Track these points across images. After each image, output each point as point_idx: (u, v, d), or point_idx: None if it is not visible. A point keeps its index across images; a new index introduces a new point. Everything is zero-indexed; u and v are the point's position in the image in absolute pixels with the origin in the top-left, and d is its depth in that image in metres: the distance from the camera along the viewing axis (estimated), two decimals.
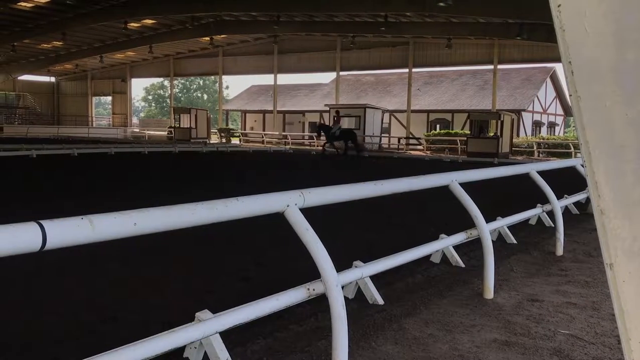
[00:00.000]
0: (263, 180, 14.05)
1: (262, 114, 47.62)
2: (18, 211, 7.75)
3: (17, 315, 3.78)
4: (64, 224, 2.10)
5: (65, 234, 2.09)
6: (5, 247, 1.96)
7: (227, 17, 38.33)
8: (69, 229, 2.11)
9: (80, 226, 2.13)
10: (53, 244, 2.06)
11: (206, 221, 2.64)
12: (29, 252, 2.05)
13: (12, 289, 4.32)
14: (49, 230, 2.04)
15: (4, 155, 18.77)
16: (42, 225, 2.03)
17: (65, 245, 2.14)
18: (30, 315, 3.80)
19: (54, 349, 3.21)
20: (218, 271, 5.12)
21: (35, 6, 33.47)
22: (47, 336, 3.40)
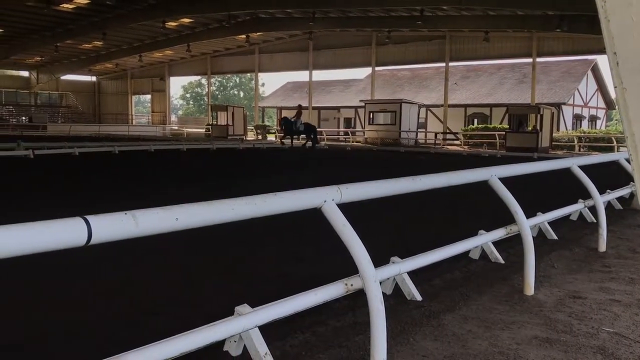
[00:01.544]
0: (299, 176, 14.11)
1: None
2: (63, 208, 7.98)
3: (61, 308, 3.90)
4: (109, 219, 2.16)
5: (110, 229, 2.15)
6: (53, 241, 2.02)
7: (263, 15, 38.55)
8: (113, 224, 2.16)
9: (124, 221, 2.18)
10: (98, 238, 2.12)
11: (245, 216, 2.67)
12: (74, 246, 2.11)
13: (56, 282, 4.45)
14: (94, 225, 2.09)
15: (49, 152, 19.35)
16: (88, 221, 2.09)
17: (110, 240, 2.20)
18: (73, 308, 3.91)
19: (97, 342, 3.30)
20: (257, 266, 5.18)
21: (77, 7, 34.29)
22: (90, 329, 3.50)
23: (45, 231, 1.97)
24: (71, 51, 48.76)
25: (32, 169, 15.10)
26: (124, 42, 46.30)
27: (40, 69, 56.27)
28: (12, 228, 1.90)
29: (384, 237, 6.32)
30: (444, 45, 39.50)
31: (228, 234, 5.74)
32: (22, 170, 14.78)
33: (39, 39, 42.21)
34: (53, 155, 19.19)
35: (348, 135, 40.61)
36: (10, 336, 3.34)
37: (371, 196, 3.45)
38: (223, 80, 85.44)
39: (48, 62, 53.81)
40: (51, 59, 51.57)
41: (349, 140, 39.11)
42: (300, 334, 3.47)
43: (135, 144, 24.80)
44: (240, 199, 2.64)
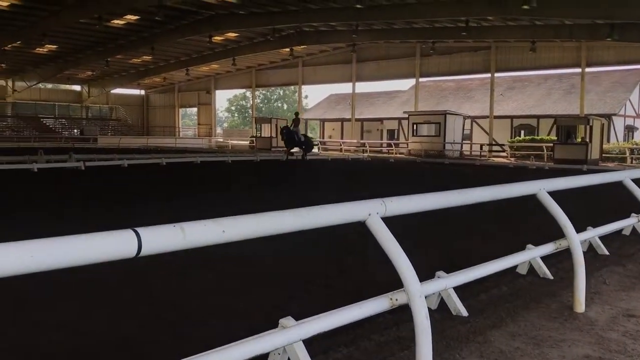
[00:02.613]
0: (343, 188, 14.11)
1: (341, 122, 47.89)
2: (112, 219, 8.19)
3: (110, 318, 3.99)
4: (158, 232, 2.21)
5: (159, 241, 2.20)
6: (105, 253, 2.08)
7: (307, 28, 38.92)
8: (162, 236, 2.21)
9: (172, 233, 2.23)
10: (148, 250, 2.17)
11: (291, 229, 2.69)
12: (125, 258, 2.17)
13: (106, 293, 4.56)
14: (144, 237, 2.15)
15: (99, 164, 19.94)
16: (138, 233, 2.14)
17: (159, 252, 2.25)
18: (122, 318, 4.00)
19: (145, 352, 3.36)
20: (300, 278, 5.19)
21: (127, 23, 35.40)
22: (139, 339, 3.57)
23: (98, 243, 2.03)
24: (121, 66, 50.31)
25: (83, 180, 15.58)
26: (171, 57, 47.50)
27: (92, 83, 58.21)
28: (67, 240, 1.97)
29: (428, 250, 6.25)
30: (490, 56, 39.01)
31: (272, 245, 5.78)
32: (74, 181, 15.26)
33: (91, 54, 43.74)
34: (103, 166, 19.77)
35: (391, 147, 40.43)
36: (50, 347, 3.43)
37: (416, 210, 3.42)
38: (267, 93, 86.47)
39: (99, 77, 55.64)
40: (102, 73, 53.33)
41: (392, 152, 38.93)
42: (344, 348, 3.45)
43: (181, 156, 25.31)
44: (286, 211, 2.66)
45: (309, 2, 30.05)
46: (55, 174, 16.87)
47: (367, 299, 3.15)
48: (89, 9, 29.99)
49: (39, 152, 20.64)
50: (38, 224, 7.67)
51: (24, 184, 14.10)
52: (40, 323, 3.81)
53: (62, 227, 6.89)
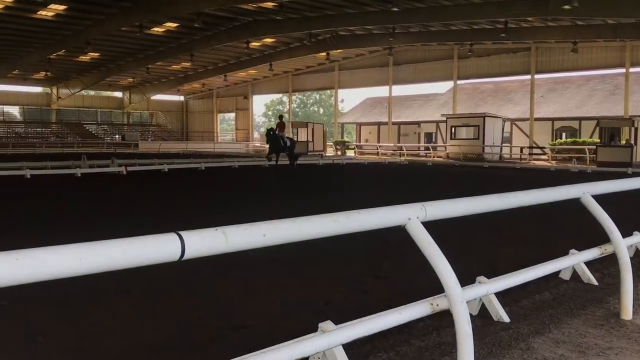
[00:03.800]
0: (380, 192, 14.05)
1: (377, 126, 47.74)
2: (153, 222, 8.34)
3: (151, 321, 4.06)
4: (201, 235, 2.24)
5: (202, 244, 2.23)
6: (149, 256, 2.12)
7: (343, 32, 38.98)
8: (205, 240, 2.24)
9: (215, 237, 2.26)
10: (191, 254, 2.20)
11: (329, 233, 2.70)
12: (169, 261, 2.21)
13: (147, 296, 4.65)
14: (187, 240, 2.18)
15: (140, 169, 20.36)
16: (181, 236, 2.18)
17: (201, 256, 2.28)
18: (165, 320, 4.06)
19: (187, 355, 3.41)
20: (337, 283, 5.18)
21: (167, 31, 36.10)
22: (181, 341, 3.62)
23: (143, 246, 2.07)
24: (161, 72, 51.32)
25: (124, 184, 15.92)
26: (210, 63, 48.20)
27: (133, 89, 59.54)
28: (114, 243, 2.01)
29: (467, 255, 6.17)
30: (529, 57, 38.35)
31: (310, 249, 5.79)
32: (116, 185, 15.61)
33: (132, 61, 44.76)
34: (144, 171, 20.17)
35: (429, 151, 40.09)
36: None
37: (457, 214, 3.39)
38: (303, 98, 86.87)
39: (140, 83, 56.88)
40: (143, 80, 54.50)
41: (430, 156, 38.59)
42: (383, 353, 3.43)
43: (220, 161, 25.63)
44: (325, 215, 2.66)
45: (345, 6, 30.09)
46: (97, 178, 17.29)
47: (407, 304, 3.13)
48: (130, 17, 30.73)
49: (82, 158, 21.20)
50: (82, 227, 7.87)
51: (68, 188, 14.49)
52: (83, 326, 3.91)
53: (105, 230, 7.05)
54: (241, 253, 2.54)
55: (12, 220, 8.79)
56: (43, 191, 13.77)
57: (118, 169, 19.27)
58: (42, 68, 44.84)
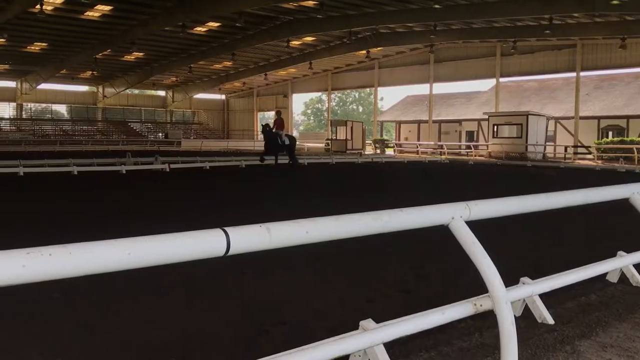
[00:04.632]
0: (421, 191, 13.94)
1: (417, 124, 47.35)
2: (197, 218, 8.48)
3: (195, 315, 4.14)
4: (245, 231, 2.28)
5: (246, 240, 2.27)
6: (196, 251, 2.17)
7: (384, 30, 38.78)
8: (249, 236, 2.28)
9: (259, 234, 2.29)
10: (235, 249, 2.24)
11: (371, 231, 2.70)
12: (214, 256, 2.25)
13: (191, 291, 4.73)
14: (232, 236, 2.22)
15: (182, 167, 20.73)
16: (227, 232, 2.22)
17: (246, 251, 2.31)
18: (208, 315, 4.13)
19: (231, 348, 3.46)
20: (378, 281, 5.17)
21: (209, 30, 36.62)
22: (224, 335, 3.68)
23: (190, 242, 2.11)
24: (203, 71, 52.08)
25: (167, 181, 16.23)
26: (250, 62, 48.66)
27: (176, 88, 60.61)
28: (162, 238, 2.07)
29: (510, 255, 6.06)
30: (575, 54, 37.40)
31: (351, 247, 5.80)
32: (159, 182, 15.93)
33: (175, 60, 45.57)
34: (186, 169, 20.52)
35: (470, 149, 39.55)
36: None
37: (501, 214, 3.34)
38: (343, 96, 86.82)
39: (182, 82, 57.86)
40: (185, 79, 55.42)
41: (471, 154, 38.07)
42: (424, 353, 3.41)
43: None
44: (367, 214, 2.67)
45: (385, 4, 29.94)
46: (142, 175, 17.67)
47: (450, 304, 3.10)
48: (174, 17, 31.29)
49: (127, 155, 21.70)
50: (128, 223, 8.06)
51: (113, 184, 14.85)
52: (131, 318, 4.01)
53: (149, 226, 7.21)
54: (283, 249, 2.57)
55: (62, 216, 9.07)
56: (90, 187, 14.16)
57: (161, 166, 19.65)
58: (88, 67, 46.10)
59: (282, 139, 21.66)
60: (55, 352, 3.33)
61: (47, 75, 48.14)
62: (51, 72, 47.04)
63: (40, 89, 52.61)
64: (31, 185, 14.21)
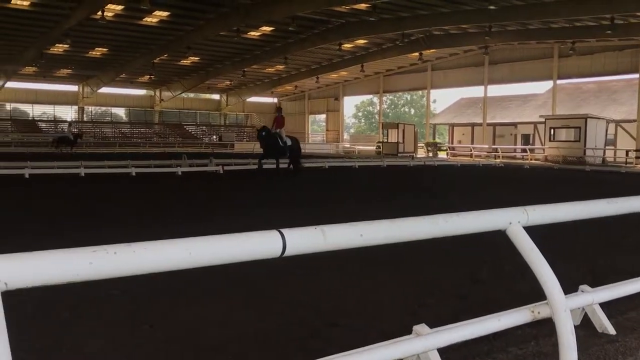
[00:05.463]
0: (476, 195, 13.70)
1: (471, 127, 46.56)
2: (250, 219, 8.60)
3: (251, 315, 4.20)
4: (301, 233, 2.30)
5: (302, 242, 2.29)
6: (253, 252, 2.21)
7: (437, 32, 38.38)
8: (304, 237, 2.30)
9: (314, 236, 2.31)
10: (291, 251, 2.27)
11: (427, 236, 2.68)
12: (270, 257, 2.28)
13: (245, 290, 4.81)
14: (288, 238, 2.25)
15: (236, 169, 21.07)
16: (283, 234, 2.25)
17: (301, 253, 2.34)
18: (262, 315, 4.19)
19: (285, 349, 3.50)
20: (432, 286, 5.12)
21: (262, 34, 37.15)
22: (278, 335, 3.72)
23: (247, 242, 2.16)
24: (256, 75, 52.84)
25: (221, 183, 16.52)
26: (302, 65, 49.03)
27: (229, 92, 61.73)
28: (221, 238, 2.11)
29: (569, 262, 5.89)
30: (638, 55, 35.95)
31: (404, 250, 5.76)
32: (214, 183, 16.23)
33: (229, 65, 46.45)
34: (239, 170, 20.84)
35: (526, 153, 38.61)
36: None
37: (561, 219, 3.26)
38: (394, 98, 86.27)
39: (236, 86, 58.86)
40: (239, 82, 56.36)
41: (527, 158, 37.15)
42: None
43: (310, 161, 25.97)
44: (423, 217, 2.65)
45: (439, 5, 29.62)
46: (196, 177, 18.05)
47: (507, 311, 3.05)
48: (228, 22, 31.90)
49: (183, 157, 22.22)
50: (184, 222, 8.25)
51: (170, 185, 15.22)
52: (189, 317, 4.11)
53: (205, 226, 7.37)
54: (336, 251, 2.58)
55: (121, 214, 9.38)
56: (148, 188, 14.56)
57: (215, 168, 20.03)
58: (146, 72, 47.56)
59: (282, 140, 18.27)
60: (113, 349, 3.45)
61: (108, 80, 49.87)
62: (111, 77, 48.71)
63: (101, 93, 54.55)
64: (91, 186, 14.72)
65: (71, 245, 1.96)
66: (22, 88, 52.84)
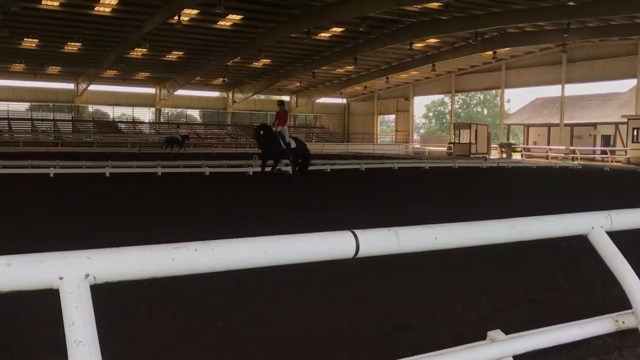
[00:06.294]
0: (554, 198, 13.21)
1: (547, 128, 44.90)
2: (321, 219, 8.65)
3: (320, 314, 4.23)
4: (374, 235, 2.30)
5: (375, 243, 2.29)
6: (326, 252, 2.23)
7: (512, 30, 37.29)
8: (378, 239, 2.30)
9: (387, 237, 2.31)
10: (364, 252, 2.27)
11: (504, 239, 2.62)
12: (343, 258, 2.30)
13: (315, 289, 4.84)
14: (361, 239, 2.25)
15: None
16: (356, 235, 2.26)
17: (374, 254, 2.34)
18: (331, 315, 4.20)
19: (353, 350, 3.50)
20: (506, 290, 4.98)
21: (332, 35, 37.31)
22: (348, 337, 3.72)
23: (321, 242, 2.18)
24: (325, 76, 53.14)
25: (291, 183, 16.72)
26: (372, 66, 48.88)
27: (299, 93, 62.39)
28: (296, 238, 2.15)
29: None
30: None
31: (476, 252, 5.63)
32: (283, 183, 16.44)
33: (299, 66, 46.97)
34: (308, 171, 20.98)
35: (606, 154, 36.85)
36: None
37: None
38: (466, 98, 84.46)
39: (306, 87, 59.43)
40: (308, 84, 56.88)
41: (607, 160, 35.47)
42: None
43: (379, 162, 25.86)
44: (500, 221, 2.59)
45: (514, 2, 28.77)
46: (266, 177, 18.34)
47: (588, 319, 2.92)
48: (300, 23, 32.25)
49: (254, 157, 22.64)
50: (255, 222, 8.41)
51: (242, 185, 15.56)
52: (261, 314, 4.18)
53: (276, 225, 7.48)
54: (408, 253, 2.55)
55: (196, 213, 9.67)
56: (220, 187, 14.94)
57: (285, 168, 20.27)
58: (220, 74, 48.84)
59: (285, 140, 15.96)
60: (186, 343, 3.56)
61: (183, 82, 51.56)
62: (186, 79, 50.33)
63: (177, 95, 56.47)
64: (167, 184, 15.26)
65: (154, 241, 2.05)
66: (103, 91, 55.46)
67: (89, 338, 1.75)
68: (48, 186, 14.26)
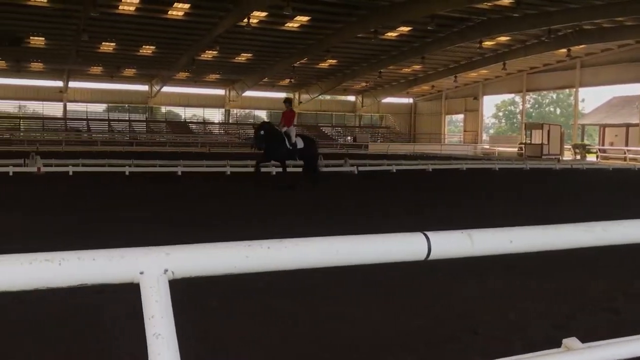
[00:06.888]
0: (631, 202, 12.59)
1: (625, 128, 42.79)
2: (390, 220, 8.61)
3: (387, 315, 4.21)
4: (446, 237, 2.27)
5: (447, 246, 2.25)
6: (397, 254, 2.21)
7: (588, 26, 35.77)
8: (450, 241, 2.26)
9: (460, 240, 2.26)
10: (436, 255, 2.24)
11: (581, 244, 2.52)
12: (415, 260, 2.27)
13: (384, 290, 4.82)
14: (433, 241, 2.22)
15: (370, 169, 21.22)
16: (428, 237, 2.23)
17: (446, 257, 2.30)
18: (398, 316, 4.18)
19: (420, 353, 3.46)
20: (580, 297, 4.79)
21: (399, 35, 37.01)
22: (416, 337, 3.69)
23: (392, 244, 2.17)
24: (392, 76, 52.76)
25: (356, 183, 16.73)
26: (440, 65, 48.13)
27: (365, 93, 62.26)
28: (367, 239, 2.15)
29: None
30: None
31: (553, 258, 5.45)
32: (347, 183, 16.47)
33: (365, 66, 46.87)
34: (372, 171, 20.95)
35: None
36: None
37: None
38: (538, 98, 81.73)
39: (372, 87, 59.22)
40: (374, 84, 56.66)
41: None
42: None
43: (447, 163, 25.42)
44: (578, 225, 2.49)
45: None
46: (333, 176, 18.43)
47: None
48: (367, 24, 32.19)
49: (319, 158, 22.76)
50: (325, 221, 8.46)
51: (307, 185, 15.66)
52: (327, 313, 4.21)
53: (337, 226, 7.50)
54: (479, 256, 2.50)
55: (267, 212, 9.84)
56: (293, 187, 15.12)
57: (350, 168, 20.30)
58: (287, 75, 49.46)
59: (291, 141, 14.76)
60: (254, 340, 3.62)
61: (251, 83, 52.53)
62: (255, 80, 51.25)
63: (245, 96, 57.60)
64: (236, 185, 15.58)
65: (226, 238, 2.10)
66: (175, 92, 57.31)
67: (167, 331, 1.81)
68: (124, 183, 14.88)
